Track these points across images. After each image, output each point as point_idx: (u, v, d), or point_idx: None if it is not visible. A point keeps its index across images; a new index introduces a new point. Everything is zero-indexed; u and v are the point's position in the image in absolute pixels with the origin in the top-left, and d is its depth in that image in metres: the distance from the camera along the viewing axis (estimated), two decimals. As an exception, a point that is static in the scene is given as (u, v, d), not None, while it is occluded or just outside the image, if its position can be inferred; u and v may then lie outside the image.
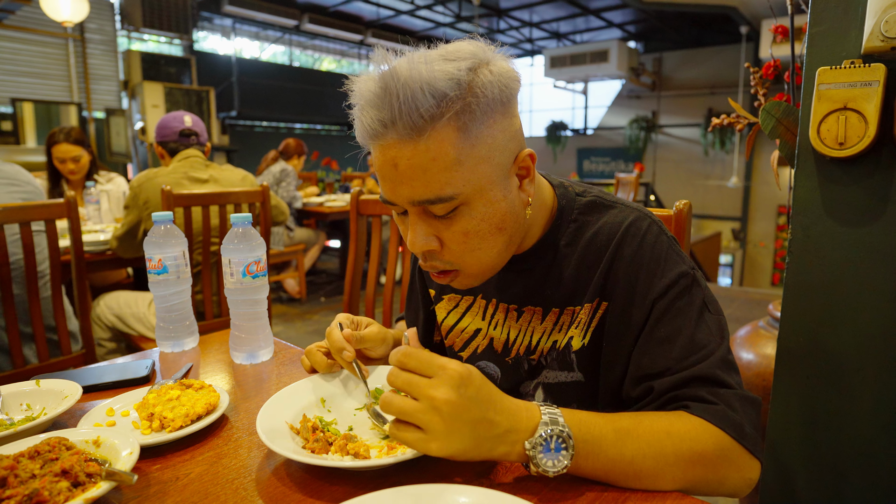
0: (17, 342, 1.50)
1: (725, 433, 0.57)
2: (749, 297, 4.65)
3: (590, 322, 0.71)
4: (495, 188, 0.62)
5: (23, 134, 5.45)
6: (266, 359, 0.96)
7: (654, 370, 0.64)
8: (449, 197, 0.60)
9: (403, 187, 0.60)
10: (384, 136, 0.58)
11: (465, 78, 0.58)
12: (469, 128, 0.58)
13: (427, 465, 0.60)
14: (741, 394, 0.61)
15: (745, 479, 0.59)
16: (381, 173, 0.62)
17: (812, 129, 0.97)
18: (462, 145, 0.58)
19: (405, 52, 0.59)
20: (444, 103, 0.56)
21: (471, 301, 0.83)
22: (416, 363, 0.53)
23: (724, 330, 0.66)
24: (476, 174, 0.60)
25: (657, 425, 0.57)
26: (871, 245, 0.98)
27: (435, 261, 0.66)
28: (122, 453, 0.58)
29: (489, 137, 0.60)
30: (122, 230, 1.94)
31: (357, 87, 0.59)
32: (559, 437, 0.52)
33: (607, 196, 0.75)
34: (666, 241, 0.69)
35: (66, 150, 2.62)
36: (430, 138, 0.57)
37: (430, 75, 0.56)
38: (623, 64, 8.92)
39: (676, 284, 0.65)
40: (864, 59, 0.94)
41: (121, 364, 0.93)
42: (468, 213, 0.62)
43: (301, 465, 0.60)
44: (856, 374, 1.01)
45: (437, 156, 0.58)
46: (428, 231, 0.64)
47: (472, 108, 0.58)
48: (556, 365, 0.74)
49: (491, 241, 0.65)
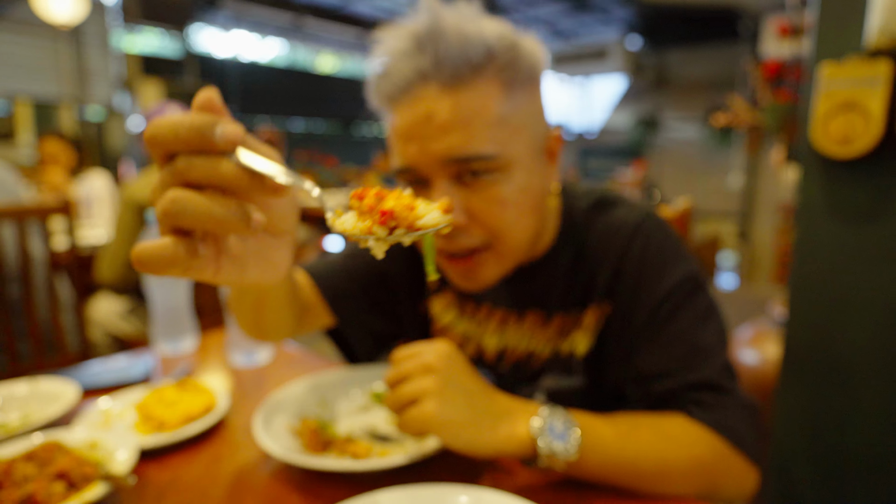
0: (13, 342, 1.49)
1: (724, 440, 0.57)
2: (749, 297, 4.64)
3: (594, 326, 0.69)
4: (534, 160, 0.59)
5: (18, 132, 5.46)
6: (265, 360, 0.95)
7: (656, 372, 0.63)
8: (491, 155, 0.55)
9: (438, 143, 0.55)
10: (420, 88, 0.54)
11: (512, 37, 0.56)
12: (513, 87, 0.56)
13: (427, 465, 0.59)
14: (741, 401, 0.60)
15: (741, 488, 0.58)
16: (408, 133, 0.56)
17: (815, 127, 0.97)
18: (506, 104, 0.56)
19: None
20: (492, 54, 0.54)
21: (465, 303, 0.78)
22: (403, 353, 0.55)
23: (725, 334, 0.65)
24: (517, 138, 0.57)
25: (657, 428, 0.56)
26: (874, 245, 0.97)
27: (458, 241, 0.59)
28: (120, 455, 0.57)
29: (529, 104, 0.58)
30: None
31: (388, 39, 0.56)
32: (563, 419, 0.52)
33: (610, 194, 0.73)
34: (673, 242, 0.67)
35: (51, 147, 2.72)
36: (475, 89, 0.54)
37: (478, 25, 0.54)
38: (624, 62, 8.91)
39: (681, 287, 0.64)
40: (868, 54, 0.93)
41: (119, 364, 0.92)
42: (507, 180, 0.57)
43: (300, 467, 0.60)
44: (860, 374, 1.00)
45: (481, 109, 0.54)
46: (458, 201, 0.57)
47: (517, 66, 0.56)
48: (557, 371, 0.72)
49: (527, 220, 0.60)
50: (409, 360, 0.54)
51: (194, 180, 0.32)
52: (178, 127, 0.32)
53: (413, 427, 0.51)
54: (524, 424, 0.52)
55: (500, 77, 0.55)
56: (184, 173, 0.32)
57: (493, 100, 0.55)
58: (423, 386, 0.51)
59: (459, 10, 0.55)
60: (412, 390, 0.51)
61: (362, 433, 0.67)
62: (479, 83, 0.54)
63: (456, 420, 0.50)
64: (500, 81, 0.55)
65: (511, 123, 0.56)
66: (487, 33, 0.54)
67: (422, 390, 0.51)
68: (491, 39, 0.54)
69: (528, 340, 0.74)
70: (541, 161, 0.62)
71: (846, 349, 1.01)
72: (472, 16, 0.55)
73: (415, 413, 0.51)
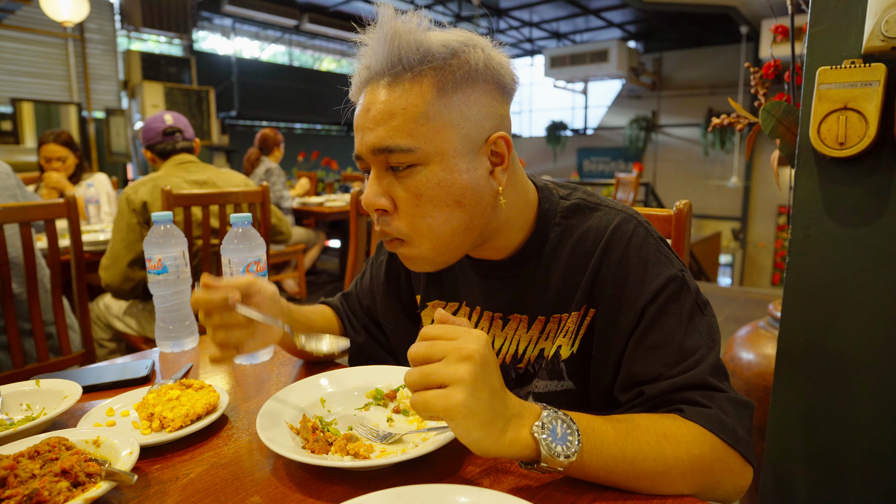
0: (16, 342, 1.50)
1: (720, 438, 0.57)
2: (749, 297, 4.64)
3: (578, 330, 0.69)
4: (458, 158, 0.62)
5: (22, 134, 5.46)
6: (266, 359, 0.96)
7: (646, 377, 0.63)
8: (408, 148, 0.60)
9: (370, 133, 0.62)
10: (369, 85, 0.63)
11: (454, 46, 0.61)
12: (445, 89, 0.61)
13: (427, 465, 0.60)
14: (734, 397, 0.60)
15: (737, 486, 0.58)
16: (356, 123, 0.64)
17: (812, 128, 0.97)
18: (434, 103, 0.60)
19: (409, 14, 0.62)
20: (427, 58, 0.60)
21: (455, 308, 0.80)
22: (439, 330, 0.52)
23: (714, 333, 0.65)
24: (440, 136, 0.61)
25: (654, 428, 0.57)
26: (871, 245, 0.98)
27: (386, 226, 0.65)
28: (122, 453, 0.58)
29: (463, 106, 0.62)
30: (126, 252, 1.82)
31: (362, 42, 0.64)
32: (563, 421, 0.52)
33: (591, 198, 0.73)
34: (653, 244, 0.67)
35: (52, 150, 2.72)
36: (406, 88, 0.60)
37: (421, 33, 0.60)
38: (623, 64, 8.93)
39: (665, 289, 0.64)
40: (864, 58, 0.94)
41: (121, 364, 0.93)
42: (424, 175, 0.62)
43: (301, 465, 0.60)
44: (856, 374, 1.01)
45: (407, 105, 0.60)
46: (382, 188, 0.64)
47: (452, 71, 0.61)
48: (546, 374, 0.72)
49: (446, 214, 0.63)
50: (445, 341, 0.51)
51: (225, 324, 0.67)
52: (208, 301, 0.65)
53: (433, 409, 0.49)
54: (527, 428, 0.52)
55: (434, 79, 0.60)
56: (217, 320, 0.67)
57: (422, 98, 0.60)
58: (459, 373, 0.49)
59: (409, 21, 0.61)
60: (446, 374, 0.49)
61: (363, 432, 0.68)
62: (411, 82, 0.60)
63: (477, 415, 0.49)
64: (433, 83, 0.60)
65: (437, 121, 0.61)
66: (430, 41, 0.60)
67: (457, 377, 0.49)
68: (433, 46, 0.60)
69: (514, 344, 0.74)
70: (472, 161, 0.63)
71: (842, 347, 1.02)
72: (418, 27, 0.61)
73: (440, 398, 0.49)
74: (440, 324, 0.53)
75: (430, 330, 0.52)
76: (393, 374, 0.80)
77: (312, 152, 6.54)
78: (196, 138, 2.13)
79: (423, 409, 0.49)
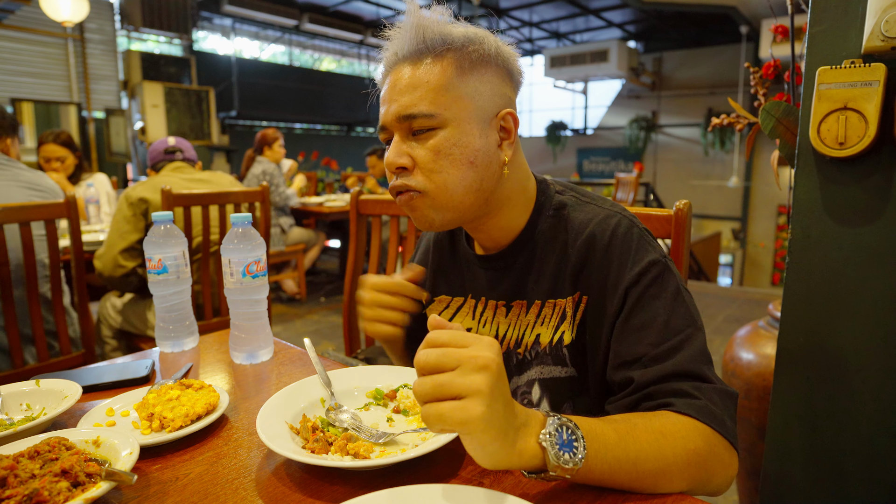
0: (16, 342, 1.50)
1: (712, 428, 0.58)
2: (749, 297, 4.65)
3: (574, 315, 0.73)
4: (473, 125, 0.70)
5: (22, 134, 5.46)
6: (266, 359, 0.96)
7: (632, 356, 0.65)
8: (429, 114, 0.68)
9: (395, 104, 0.70)
10: (394, 64, 0.71)
11: (471, 35, 0.70)
12: (463, 68, 0.69)
13: (427, 465, 0.60)
14: (721, 388, 0.62)
15: (728, 476, 0.60)
16: (383, 98, 0.73)
17: (812, 128, 0.97)
18: (453, 78, 0.69)
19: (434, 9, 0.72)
20: (448, 42, 0.69)
21: (461, 302, 0.84)
22: (448, 336, 0.49)
23: (697, 317, 0.68)
24: (457, 104, 0.69)
25: (651, 426, 0.57)
26: (871, 245, 0.98)
27: (405, 180, 0.72)
28: (122, 453, 0.58)
29: (478, 83, 0.70)
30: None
31: (389, 35, 0.73)
32: (567, 427, 0.52)
33: (584, 195, 0.79)
34: (637, 232, 0.71)
35: (52, 150, 2.73)
36: (429, 65, 0.69)
37: (443, 23, 0.70)
38: (623, 64, 8.93)
39: (648, 272, 0.68)
40: (864, 58, 0.94)
41: (120, 364, 0.93)
42: (443, 135, 0.69)
43: (301, 465, 0.60)
44: (856, 374, 1.01)
45: (430, 78, 0.68)
46: (404, 148, 0.71)
47: (469, 53, 0.70)
48: (551, 360, 0.75)
49: (460, 171, 0.70)
50: (457, 349, 0.48)
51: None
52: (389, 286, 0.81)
53: (449, 422, 0.46)
54: (534, 437, 0.51)
55: (454, 59, 0.69)
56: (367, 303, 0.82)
57: (443, 73, 0.69)
58: (477, 384, 0.46)
59: (433, 13, 0.71)
60: (462, 385, 0.46)
61: (363, 432, 0.68)
62: (433, 60, 0.69)
63: (494, 428, 0.47)
64: (452, 62, 0.69)
65: (455, 92, 0.69)
66: (450, 29, 0.70)
67: (474, 388, 0.46)
68: (453, 33, 0.70)
69: (516, 329, 0.78)
70: (484, 129, 0.71)
71: (842, 347, 1.02)
72: (441, 18, 0.71)
73: (458, 410, 0.46)
74: (438, 329, 0.51)
75: (438, 336, 0.49)
76: (393, 374, 0.80)
77: (312, 152, 6.54)
78: (199, 161, 2.21)
79: (438, 422, 0.46)
